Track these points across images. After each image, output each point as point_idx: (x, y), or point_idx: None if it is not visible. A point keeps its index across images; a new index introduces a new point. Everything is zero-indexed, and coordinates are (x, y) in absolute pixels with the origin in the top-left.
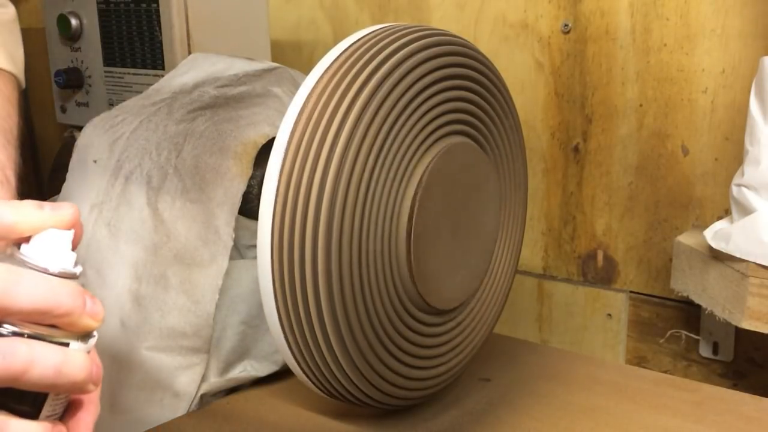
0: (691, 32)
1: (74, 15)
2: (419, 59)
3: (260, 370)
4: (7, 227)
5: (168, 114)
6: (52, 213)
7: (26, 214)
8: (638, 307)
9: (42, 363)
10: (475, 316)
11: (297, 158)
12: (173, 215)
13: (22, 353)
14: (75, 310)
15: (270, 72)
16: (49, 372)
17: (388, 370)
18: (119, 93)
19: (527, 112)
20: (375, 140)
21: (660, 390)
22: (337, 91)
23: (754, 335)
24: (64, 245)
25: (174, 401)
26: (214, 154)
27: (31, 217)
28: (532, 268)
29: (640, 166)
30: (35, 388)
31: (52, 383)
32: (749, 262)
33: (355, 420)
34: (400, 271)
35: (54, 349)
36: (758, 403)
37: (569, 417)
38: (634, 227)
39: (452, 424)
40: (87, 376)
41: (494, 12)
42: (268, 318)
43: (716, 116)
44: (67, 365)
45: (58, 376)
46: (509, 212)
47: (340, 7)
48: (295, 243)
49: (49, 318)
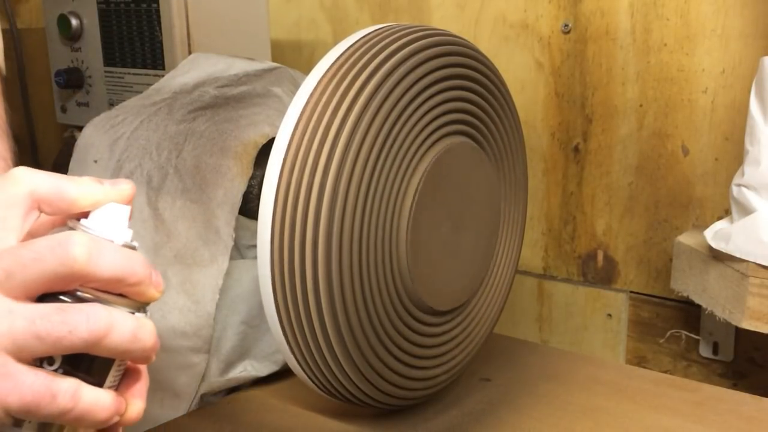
0: (691, 32)
1: (74, 15)
2: (419, 59)
3: (260, 370)
4: (71, 201)
5: (168, 114)
6: (112, 188)
7: (88, 188)
8: (638, 307)
9: (120, 328)
10: (475, 316)
11: (297, 158)
12: (173, 215)
13: (104, 317)
14: (145, 280)
15: (270, 72)
16: (126, 337)
17: (388, 370)
18: (119, 93)
19: (527, 112)
20: (375, 140)
21: (660, 390)
22: (337, 91)
23: (754, 335)
24: (124, 219)
25: (174, 401)
26: (215, 154)
27: (93, 191)
28: (532, 268)
29: (640, 166)
30: (111, 353)
31: (126, 348)
32: (749, 262)
33: (355, 420)
34: (400, 271)
35: (128, 315)
36: (758, 403)
37: (569, 417)
38: (634, 227)
39: (452, 424)
40: (155, 343)
41: (494, 12)
42: (268, 318)
43: (716, 116)
44: (141, 331)
45: (133, 341)
46: (509, 212)
47: (340, 7)
48: (295, 243)
49: (122, 286)
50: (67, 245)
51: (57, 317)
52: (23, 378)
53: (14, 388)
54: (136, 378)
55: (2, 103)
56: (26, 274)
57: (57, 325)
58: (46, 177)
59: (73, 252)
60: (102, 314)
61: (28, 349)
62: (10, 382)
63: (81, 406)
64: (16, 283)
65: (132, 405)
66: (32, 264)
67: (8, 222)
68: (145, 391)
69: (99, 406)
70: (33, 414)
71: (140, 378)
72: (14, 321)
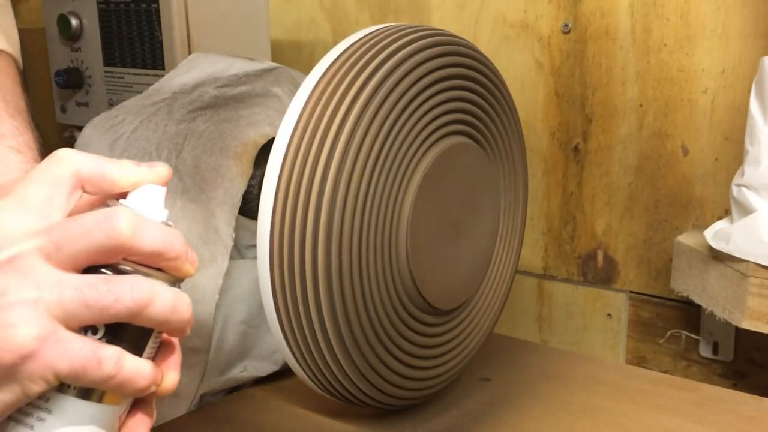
0: (691, 32)
1: (74, 15)
2: (419, 59)
3: (260, 370)
4: (112, 182)
5: (168, 114)
6: (149, 170)
7: (128, 170)
8: (638, 307)
9: (161, 299)
10: (475, 316)
11: (297, 158)
12: (173, 215)
13: (146, 288)
14: (182, 255)
15: (270, 72)
16: (166, 308)
17: (388, 370)
18: (119, 93)
19: (527, 112)
20: (375, 140)
21: (660, 390)
22: (337, 91)
23: (754, 335)
24: (160, 199)
25: (174, 401)
26: (214, 154)
27: (132, 173)
28: (532, 268)
29: (640, 166)
30: (152, 323)
31: (166, 319)
32: (749, 262)
33: (355, 420)
34: (400, 271)
35: (168, 287)
36: (758, 403)
37: (569, 417)
38: (634, 227)
39: (452, 424)
40: (191, 316)
41: (494, 12)
42: (268, 318)
43: (716, 116)
44: (180, 303)
45: (172, 312)
46: (509, 212)
47: (340, 7)
48: (295, 243)
49: (161, 260)
50: (113, 219)
51: (103, 286)
52: (72, 344)
53: (64, 353)
54: (170, 351)
55: (24, 96)
56: (74, 247)
57: (104, 294)
58: (89, 158)
59: (119, 226)
60: (145, 285)
61: (76, 317)
62: (60, 347)
63: (124, 373)
64: (64, 255)
65: (168, 376)
66: (80, 237)
67: (55, 200)
68: (179, 364)
69: (139, 374)
70: (80, 379)
71: (174, 351)
72: (64, 290)
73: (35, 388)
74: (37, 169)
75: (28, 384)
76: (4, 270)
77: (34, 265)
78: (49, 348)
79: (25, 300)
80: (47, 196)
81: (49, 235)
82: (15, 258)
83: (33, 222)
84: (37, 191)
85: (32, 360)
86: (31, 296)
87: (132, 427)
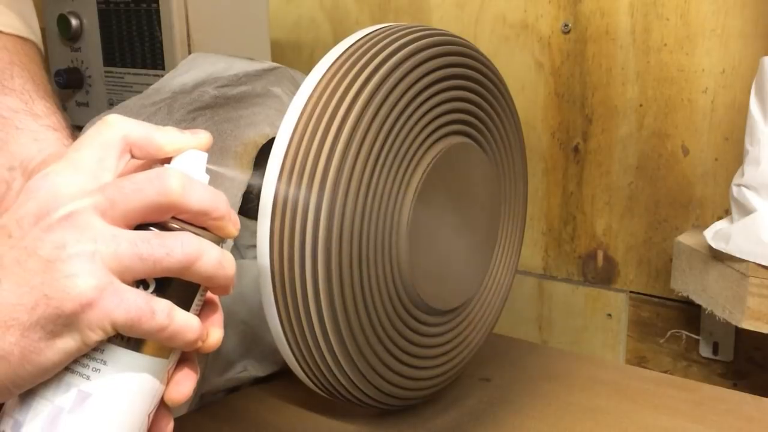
0: (691, 32)
1: (74, 15)
2: (419, 59)
3: (260, 370)
4: (158, 146)
5: (168, 114)
6: (193, 137)
7: (173, 136)
8: (638, 307)
9: (209, 255)
10: (475, 316)
11: (297, 158)
12: None
13: (196, 243)
14: (227, 215)
15: (270, 72)
16: (213, 263)
17: (388, 370)
18: (119, 93)
19: (527, 112)
20: (375, 140)
21: (660, 390)
22: (337, 91)
23: (754, 335)
24: (202, 164)
25: None
26: (214, 154)
27: (177, 138)
28: (532, 268)
29: (640, 166)
30: (200, 278)
31: (213, 274)
32: (749, 262)
33: (355, 420)
34: (400, 271)
35: (214, 245)
36: (758, 403)
37: (569, 417)
38: (634, 227)
39: (452, 424)
40: (234, 274)
41: (494, 12)
42: (268, 318)
43: (716, 116)
44: (225, 260)
45: (218, 268)
46: (509, 212)
47: (340, 7)
48: (295, 243)
49: (207, 219)
50: (164, 178)
51: (156, 241)
52: (128, 295)
53: (121, 302)
54: (214, 309)
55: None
56: (128, 203)
57: (156, 248)
58: (137, 123)
59: (170, 184)
60: (194, 241)
61: (130, 270)
62: (117, 298)
63: (174, 324)
64: (118, 211)
65: (212, 333)
66: (133, 194)
67: (105, 162)
68: (222, 322)
69: (189, 327)
70: (135, 329)
71: (217, 309)
72: (119, 244)
73: (94, 337)
74: (88, 134)
75: (87, 332)
76: (62, 225)
77: (91, 221)
78: (106, 298)
79: (83, 252)
80: (98, 158)
81: (103, 193)
82: (72, 214)
83: (86, 182)
84: (89, 154)
85: (91, 309)
86: (89, 249)
87: (179, 381)
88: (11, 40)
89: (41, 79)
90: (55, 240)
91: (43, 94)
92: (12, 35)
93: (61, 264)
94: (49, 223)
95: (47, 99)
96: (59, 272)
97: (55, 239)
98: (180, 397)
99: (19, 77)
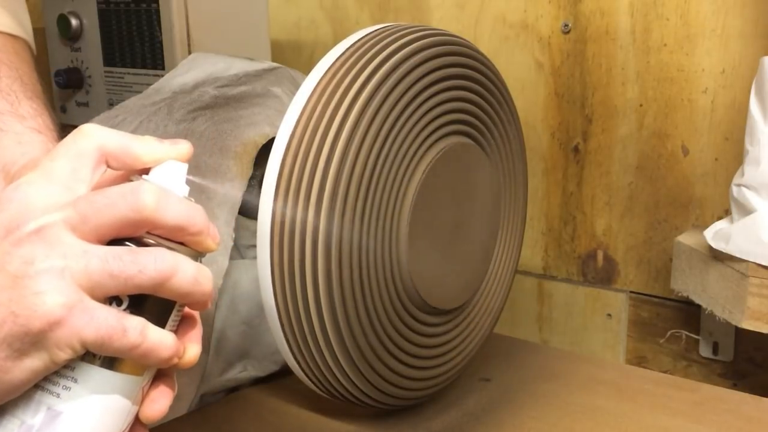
0: (691, 32)
1: (74, 15)
2: (419, 59)
3: (260, 370)
4: (135, 157)
5: (168, 114)
6: (172, 147)
7: (151, 146)
8: (638, 307)
9: (184, 271)
10: (475, 316)
11: (297, 158)
12: None
13: (170, 260)
14: (204, 230)
15: (270, 72)
16: (189, 279)
17: (388, 370)
18: (119, 93)
19: (527, 112)
20: (375, 140)
21: (660, 390)
22: (337, 91)
23: (754, 335)
24: (182, 175)
25: (174, 401)
26: (214, 154)
27: (155, 149)
28: (532, 268)
29: (640, 166)
30: (175, 294)
31: (189, 291)
32: (749, 262)
33: (355, 420)
34: (400, 271)
35: (190, 260)
36: (758, 403)
37: (569, 417)
38: (634, 227)
39: (452, 424)
40: (212, 290)
41: (494, 12)
42: (268, 318)
43: (716, 116)
44: (202, 276)
45: (194, 284)
46: (509, 212)
47: (340, 7)
48: (295, 243)
49: (184, 234)
50: (138, 192)
51: (128, 257)
52: (98, 313)
53: (91, 321)
54: (192, 325)
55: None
56: (100, 218)
57: (128, 265)
58: (114, 133)
59: (144, 199)
60: (168, 257)
61: (101, 287)
62: (87, 316)
63: (148, 342)
64: (90, 226)
65: (189, 349)
66: (105, 209)
67: (80, 173)
68: (200, 338)
69: (163, 345)
70: (106, 347)
71: (196, 325)
72: (90, 260)
73: (62, 356)
74: (63, 144)
75: (55, 351)
76: (31, 240)
77: (61, 236)
78: (76, 316)
79: (52, 269)
80: (72, 169)
81: (75, 207)
82: (42, 229)
83: (58, 194)
84: (63, 165)
85: (60, 327)
86: (59, 265)
87: (155, 399)
88: (1, 38)
89: (30, 78)
90: (23, 255)
91: (30, 95)
92: (2, 33)
93: (29, 280)
94: (19, 237)
95: (35, 100)
96: (27, 289)
97: (24, 254)
98: (154, 415)
99: (6, 77)
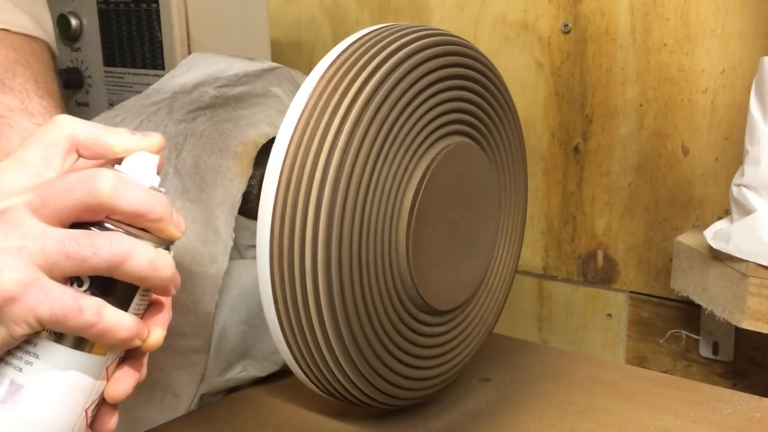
0: (691, 32)
1: (74, 15)
2: (419, 59)
3: (260, 370)
4: (106, 146)
5: (168, 114)
6: (143, 138)
7: (122, 137)
8: (638, 307)
9: (139, 255)
10: (475, 316)
11: (297, 158)
12: None
13: (125, 243)
14: (165, 218)
15: (270, 72)
16: (144, 264)
17: (388, 370)
18: (119, 93)
19: (527, 112)
20: (375, 140)
21: (660, 390)
22: (337, 91)
23: (754, 335)
24: (152, 166)
25: (174, 401)
26: (214, 154)
27: (126, 140)
28: (532, 268)
29: (640, 166)
30: (130, 278)
31: (146, 275)
32: (749, 262)
33: (355, 420)
34: (400, 271)
35: (148, 246)
36: (758, 403)
37: (569, 417)
38: (634, 227)
39: (452, 424)
40: (173, 275)
41: (494, 12)
42: (268, 318)
43: (716, 116)
44: (159, 262)
45: (151, 269)
46: (509, 212)
47: (340, 7)
48: (295, 243)
49: (143, 221)
50: (95, 179)
51: (83, 240)
52: (54, 292)
53: (46, 298)
54: (158, 309)
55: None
56: (58, 202)
57: (83, 246)
58: (85, 124)
59: (100, 185)
60: (124, 241)
61: (58, 267)
62: (42, 293)
63: (104, 322)
64: (49, 210)
65: (153, 332)
66: (64, 193)
67: (50, 161)
68: (166, 323)
69: (120, 326)
70: (61, 324)
71: (163, 310)
72: (47, 241)
73: (19, 330)
74: (37, 133)
75: (12, 326)
76: None
77: (22, 218)
78: (31, 293)
79: (10, 248)
80: (43, 158)
81: (36, 192)
82: (5, 211)
83: (28, 180)
84: (35, 153)
85: (15, 303)
86: (16, 245)
87: (119, 378)
88: (19, 39)
89: (45, 77)
90: None
91: (42, 93)
92: (21, 34)
93: None
94: None
95: (46, 98)
96: None
97: None
98: (117, 394)
99: (21, 76)
